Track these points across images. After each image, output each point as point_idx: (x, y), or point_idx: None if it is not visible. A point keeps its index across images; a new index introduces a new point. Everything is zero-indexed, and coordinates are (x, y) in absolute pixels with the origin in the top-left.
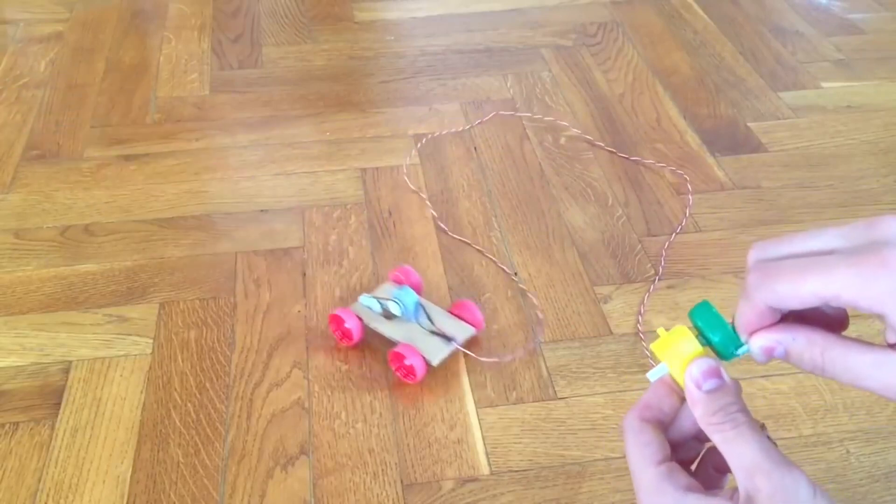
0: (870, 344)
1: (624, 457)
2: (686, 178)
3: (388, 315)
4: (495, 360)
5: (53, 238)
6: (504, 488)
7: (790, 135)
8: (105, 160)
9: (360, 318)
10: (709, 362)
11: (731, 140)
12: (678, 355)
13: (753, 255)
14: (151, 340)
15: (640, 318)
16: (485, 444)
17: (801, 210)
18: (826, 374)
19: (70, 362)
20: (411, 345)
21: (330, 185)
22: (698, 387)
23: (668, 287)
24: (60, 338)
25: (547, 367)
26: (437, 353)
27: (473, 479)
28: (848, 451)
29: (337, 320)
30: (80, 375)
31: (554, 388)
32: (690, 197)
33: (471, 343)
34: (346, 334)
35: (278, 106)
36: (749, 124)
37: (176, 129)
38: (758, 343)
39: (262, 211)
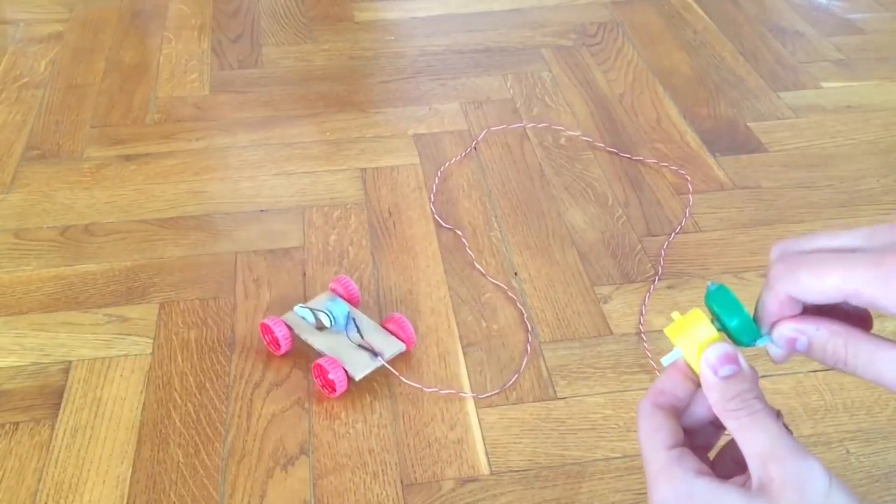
0: (892, 341)
1: (624, 457)
2: (686, 178)
3: (320, 326)
4: (418, 386)
5: (53, 238)
6: (504, 488)
7: (790, 135)
8: (105, 160)
9: (290, 328)
10: (725, 347)
11: (731, 140)
12: (693, 340)
13: (777, 249)
14: (151, 340)
15: (641, 319)
16: (485, 444)
17: (801, 210)
18: (848, 368)
19: (70, 362)
20: (335, 358)
21: (330, 185)
22: (714, 372)
23: (668, 287)
24: (60, 338)
25: (547, 367)
26: (362, 368)
27: (473, 479)
28: (848, 451)
29: (266, 329)
30: (80, 375)
31: (554, 388)
32: (690, 197)
33: (402, 359)
34: (274, 343)
35: (278, 106)
36: (749, 124)
37: (176, 129)
38: (781, 333)
39: (262, 211)
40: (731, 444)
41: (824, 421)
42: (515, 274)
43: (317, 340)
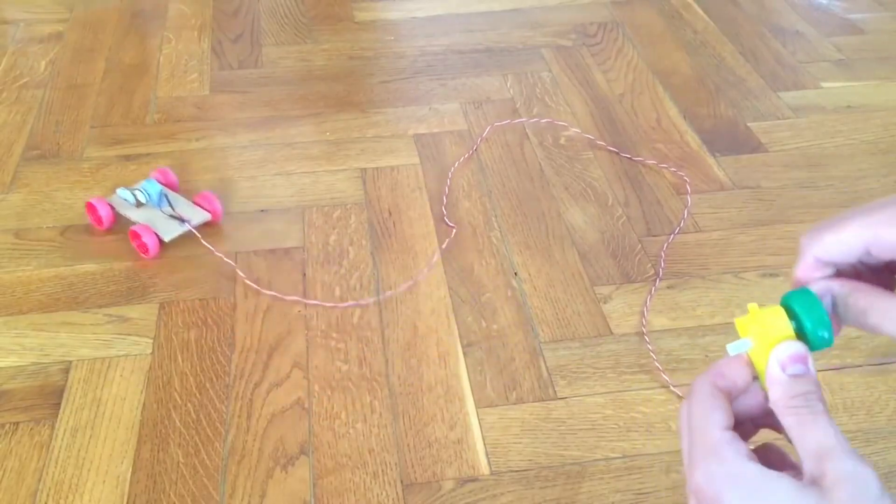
0: None
1: (624, 457)
2: (686, 179)
3: (139, 203)
4: (220, 255)
5: (53, 238)
6: (504, 488)
7: (790, 135)
8: (105, 160)
9: (112, 207)
10: (798, 347)
11: (731, 140)
12: (767, 334)
13: (806, 232)
14: (151, 340)
15: (644, 320)
16: (485, 444)
17: (800, 210)
18: (869, 322)
19: (70, 362)
20: (148, 225)
21: (330, 185)
22: (783, 369)
23: (668, 287)
24: (60, 338)
25: (547, 367)
26: (171, 232)
27: (473, 479)
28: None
29: (91, 208)
30: (80, 375)
31: (554, 388)
32: (690, 197)
33: (211, 234)
34: (98, 220)
35: (278, 106)
36: (749, 124)
37: (176, 129)
38: None
39: (262, 211)
40: (764, 450)
41: None
42: (515, 274)
43: (134, 214)
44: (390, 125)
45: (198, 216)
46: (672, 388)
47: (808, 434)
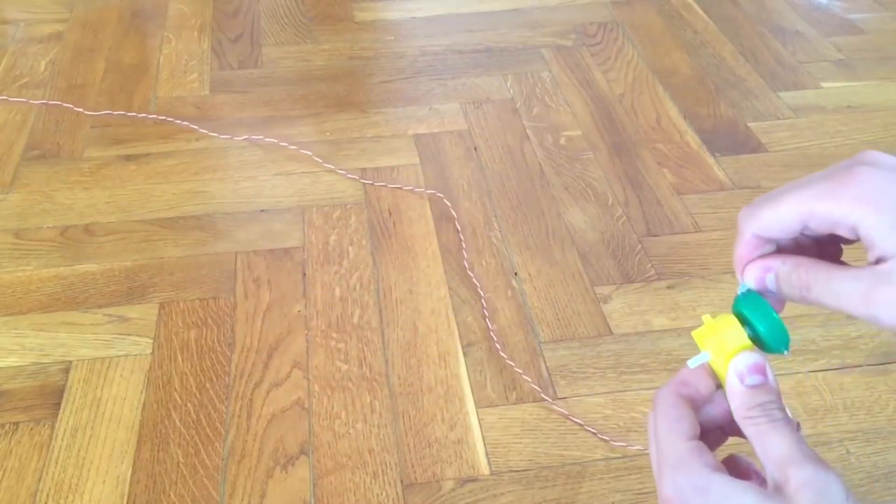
0: (851, 265)
1: (624, 457)
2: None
3: None
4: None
5: (53, 238)
6: (504, 488)
7: (790, 135)
8: (105, 160)
9: None
10: (755, 357)
11: (731, 140)
12: (723, 345)
13: (745, 206)
14: (151, 340)
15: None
16: (485, 444)
17: None
18: (812, 296)
19: (70, 362)
20: None
21: (330, 185)
22: (741, 380)
23: (668, 287)
24: (60, 338)
25: (547, 367)
26: None
27: (473, 479)
28: (848, 451)
29: None
30: (80, 375)
31: (554, 388)
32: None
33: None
34: None
35: (278, 106)
36: (749, 124)
37: (176, 129)
38: (750, 273)
39: (262, 211)
40: (730, 460)
41: (824, 421)
42: (515, 274)
43: None
44: (390, 125)
45: None
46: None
47: (769, 443)
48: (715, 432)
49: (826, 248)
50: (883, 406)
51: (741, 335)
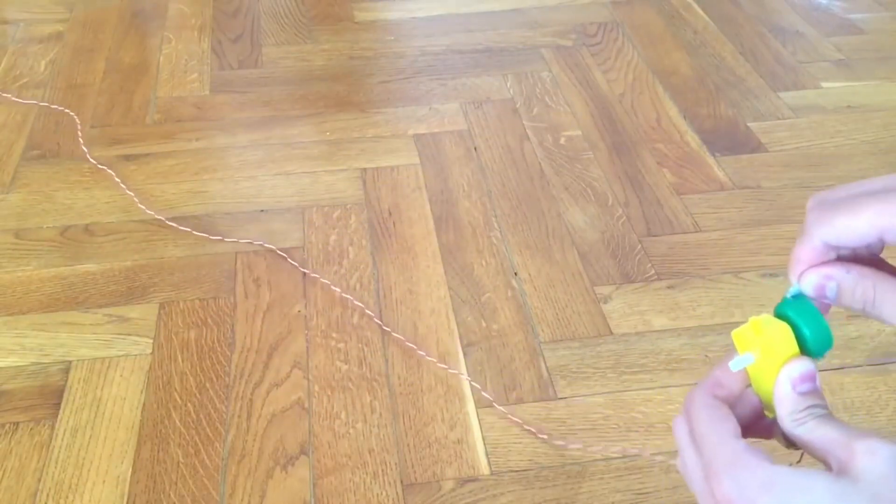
0: None
1: (624, 457)
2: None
3: None
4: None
5: (53, 238)
6: (504, 488)
7: (790, 135)
8: (105, 160)
9: None
10: (808, 365)
11: (731, 140)
12: (772, 350)
13: (813, 199)
14: (151, 340)
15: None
16: (485, 444)
17: (800, 210)
18: (876, 310)
19: (70, 362)
20: None
21: (330, 185)
22: (794, 387)
23: (668, 287)
24: (60, 338)
25: (547, 367)
26: None
27: (473, 479)
28: None
29: None
30: (80, 375)
31: (554, 388)
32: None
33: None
34: None
35: (278, 106)
36: (749, 124)
37: (176, 129)
38: (810, 280)
39: (262, 211)
40: None
41: None
42: (515, 274)
43: None
44: (390, 125)
45: None
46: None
47: (821, 435)
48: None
49: (872, 255)
50: (883, 406)
51: (792, 342)
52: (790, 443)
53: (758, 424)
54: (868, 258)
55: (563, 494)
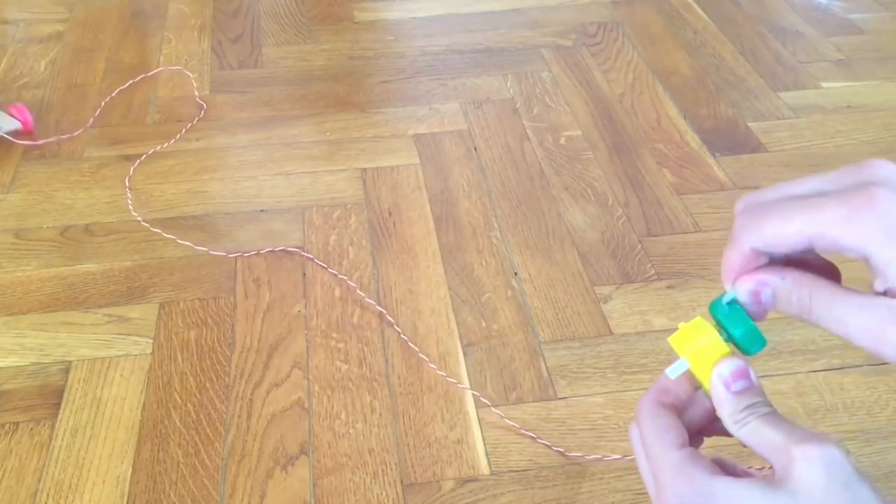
0: (857, 290)
1: (624, 457)
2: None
3: None
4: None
5: (53, 238)
6: (504, 488)
7: (790, 135)
8: (105, 160)
9: None
10: (738, 363)
11: (731, 140)
12: (702, 352)
13: (741, 202)
14: (151, 340)
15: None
16: (485, 444)
17: None
18: (812, 317)
19: (70, 362)
20: None
21: (330, 185)
22: (727, 387)
23: (668, 287)
24: (60, 338)
25: (547, 367)
26: None
27: (473, 479)
28: (848, 452)
29: None
30: (80, 375)
31: (554, 388)
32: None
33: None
34: None
35: (278, 106)
36: (749, 124)
37: (176, 129)
38: (744, 286)
39: (262, 211)
40: (717, 462)
41: (824, 421)
42: (515, 274)
43: None
44: (390, 125)
45: (7, 123)
46: None
47: (763, 436)
48: (694, 436)
49: (824, 263)
50: (883, 406)
51: (718, 341)
52: None
53: (714, 425)
54: (801, 258)
55: (563, 494)
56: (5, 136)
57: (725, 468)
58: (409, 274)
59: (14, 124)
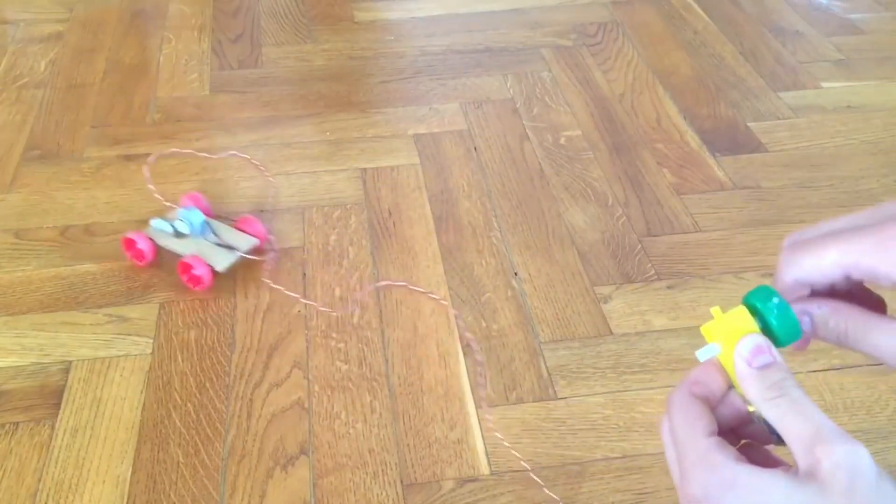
0: (891, 317)
1: (624, 457)
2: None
3: (179, 234)
4: (279, 287)
5: (53, 238)
6: (504, 488)
7: (790, 135)
8: (105, 160)
9: (151, 240)
10: (756, 339)
11: (731, 140)
12: (732, 336)
13: (787, 240)
14: (151, 340)
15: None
16: (485, 444)
17: (800, 210)
18: (850, 343)
19: (70, 362)
20: (198, 256)
21: (330, 185)
22: (748, 364)
23: (668, 287)
24: (60, 338)
25: (547, 367)
26: (223, 261)
27: (473, 479)
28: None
29: (129, 243)
30: (80, 375)
31: (554, 388)
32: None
33: (255, 253)
34: (138, 255)
35: (278, 106)
36: (749, 124)
37: (176, 129)
38: None
39: (261, 211)
40: (748, 448)
41: None
42: (515, 274)
43: (178, 245)
44: (390, 125)
45: (245, 242)
46: None
47: (792, 423)
48: (728, 435)
49: (857, 290)
50: (883, 406)
51: (750, 324)
52: (780, 440)
53: (747, 429)
54: (848, 291)
55: (563, 494)
56: (246, 255)
57: (756, 454)
58: (409, 274)
59: (251, 241)
